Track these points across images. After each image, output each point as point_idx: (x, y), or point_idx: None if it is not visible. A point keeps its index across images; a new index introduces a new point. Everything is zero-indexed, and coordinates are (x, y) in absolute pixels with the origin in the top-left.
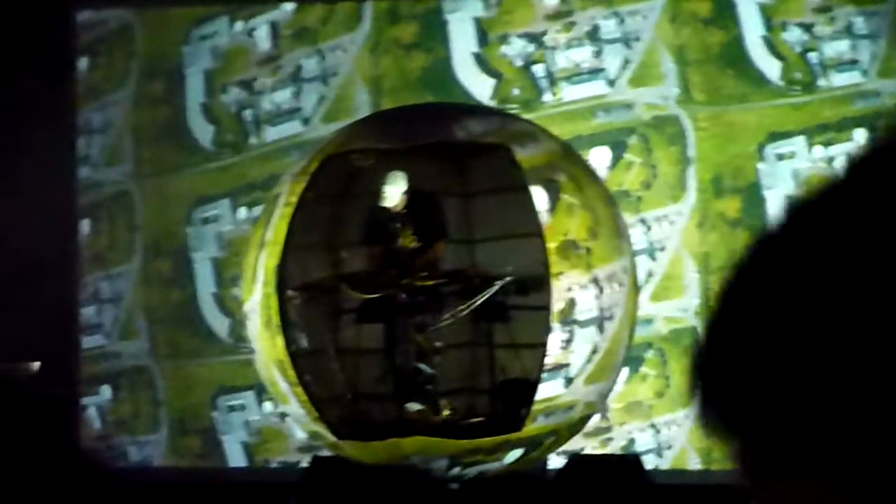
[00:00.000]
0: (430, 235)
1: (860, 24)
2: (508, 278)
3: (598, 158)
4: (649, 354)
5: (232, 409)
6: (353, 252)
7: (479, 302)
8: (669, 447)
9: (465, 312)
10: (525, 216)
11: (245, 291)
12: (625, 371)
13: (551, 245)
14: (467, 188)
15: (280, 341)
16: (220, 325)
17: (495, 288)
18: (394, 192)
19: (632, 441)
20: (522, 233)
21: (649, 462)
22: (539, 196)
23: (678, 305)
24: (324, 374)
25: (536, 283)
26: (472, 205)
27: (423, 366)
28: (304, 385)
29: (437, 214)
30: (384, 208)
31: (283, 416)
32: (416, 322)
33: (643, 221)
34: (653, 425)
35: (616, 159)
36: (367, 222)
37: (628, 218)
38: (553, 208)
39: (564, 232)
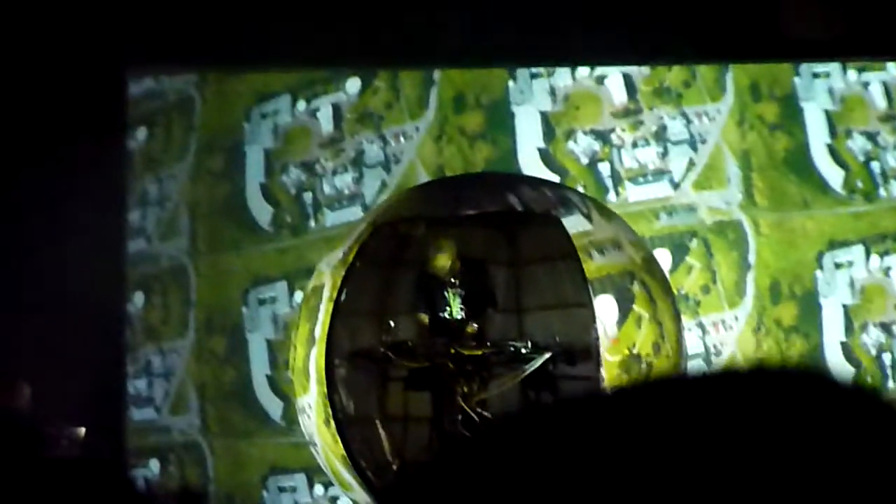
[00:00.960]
0: (479, 304)
1: None
2: (557, 349)
3: (660, 261)
4: None
5: (282, 489)
6: (401, 320)
7: (527, 372)
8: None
9: (513, 382)
10: (574, 285)
11: (298, 386)
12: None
13: (615, 358)
14: (517, 257)
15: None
16: (273, 406)
17: (544, 358)
18: (443, 260)
19: None
20: (571, 302)
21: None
22: (609, 306)
23: None
24: (370, 441)
25: (584, 354)
26: (522, 274)
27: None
28: (349, 452)
29: (486, 283)
30: (433, 276)
31: (334, 500)
32: (463, 391)
33: (700, 325)
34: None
35: (677, 262)
36: (416, 290)
37: (686, 321)
38: (622, 319)
39: (630, 345)
